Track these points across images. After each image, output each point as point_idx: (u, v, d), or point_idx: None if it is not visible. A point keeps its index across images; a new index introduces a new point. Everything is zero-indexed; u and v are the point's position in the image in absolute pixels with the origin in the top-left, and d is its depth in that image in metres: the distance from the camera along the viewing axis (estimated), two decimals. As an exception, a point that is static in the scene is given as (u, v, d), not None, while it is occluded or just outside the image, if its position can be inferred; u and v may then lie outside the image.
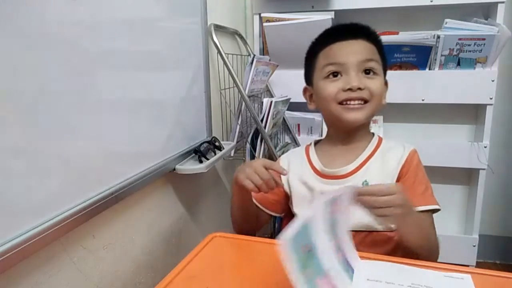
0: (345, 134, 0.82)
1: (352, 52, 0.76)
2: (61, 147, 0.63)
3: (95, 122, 0.71)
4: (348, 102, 0.75)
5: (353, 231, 0.70)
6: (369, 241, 0.75)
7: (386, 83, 0.82)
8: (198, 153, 1.07)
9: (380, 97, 0.77)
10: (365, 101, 0.76)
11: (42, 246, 0.60)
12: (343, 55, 0.75)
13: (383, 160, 0.80)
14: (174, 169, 1.01)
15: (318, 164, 0.83)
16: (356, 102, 0.75)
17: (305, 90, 0.87)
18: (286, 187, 0.86)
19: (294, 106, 1.61)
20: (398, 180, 0.78)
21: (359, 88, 0.74)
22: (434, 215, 0.76)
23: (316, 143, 0.90)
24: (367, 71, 0.76)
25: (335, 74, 0.77)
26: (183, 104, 1.08)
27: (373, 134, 0.85)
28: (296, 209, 0.83)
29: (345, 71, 0.75)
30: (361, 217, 0.69)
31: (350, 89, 0.74)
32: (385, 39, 0.83)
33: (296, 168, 0.85)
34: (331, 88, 0.76)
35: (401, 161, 0.78)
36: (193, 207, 1.22)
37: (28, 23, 0.56)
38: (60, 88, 0.62)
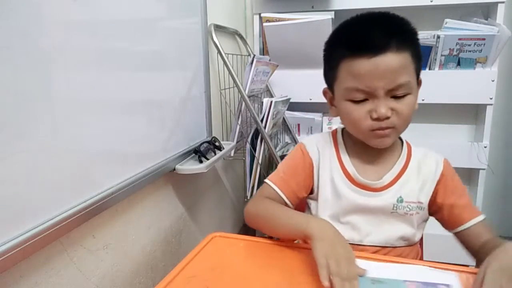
0: None
1: (381, 75, 0.64)
2: (61, 147, 0.63)
3: (95, 122, 0.71)
4: (376, 131, 0.68)
5: (378, 246, 0.72)
6: (393, 255, 0.72)
7: (420, 82, 0.74)
8: (198, 153, 1.07)
9: (410, 116, 0.69)
10: (394, 126, 0.68)
11: (42, 246, 0.60)
12: (371, 79, 0.64)
13: (418, 172, 0.74)
14: (174, 169, 1.01)
15: (350, 168, 0.75)
16: (384, 130, 0.68)
17: (325, 93, 0.77)
18: (315, 181, 0.78)
19: (294, 106, 1.61)
20: (435, 194, 0.74)
21: (387, 117, 0.66)
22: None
23: (343, 134, 0.80)
24: (397, 96, 0.67)
25: (361, 99, 0.67)
26: (183, 104, 1.08)
27: (399, 138, 0.79)
28: (321, 211, 0.77)
29: (372, 96, 0.66)
30: (388, 235, 0.72)
31: (377, 118, 0.66)
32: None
33: (326, 164, 0.77)
34: (356, 113, 0.68)
35: (437, 174, 0.74)
36: (193, 207, 1.22)
37: (28, 23, 0.56)
38: (60, 88, 0.63)
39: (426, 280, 0.58)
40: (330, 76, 0.73)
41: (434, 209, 0.74)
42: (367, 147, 0.73)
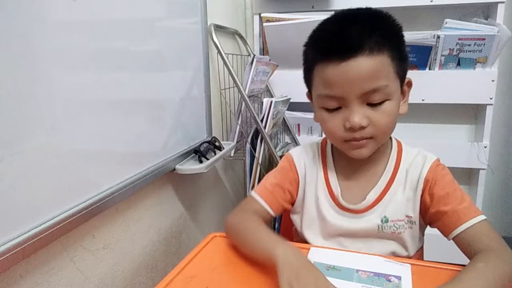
0: None
1: (352, 81, 0.59)
2: (61, 147, 0.63)
3: (95, 122, 0.71)
4: (350, 141, 0.64)
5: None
6: None
7: (408, 83, 0.67)
8: (198, 153, 1.07)
9: (391, 124, 0.64)
10: (371, 136, 0.63)
11: (42, 246, 0.60)
12: (341, 86, 0.60)
13: (405, 182, 0.69)
14: (174, 169, 1.01)
15: (336, 189, 0.72)
16: (359, 141, 0.63)
17: (308, 97, 0.73)
18: (300, 196, 0.76)
19: (294, 106, 1.61)
20: (424, 204, 0.68)
21: (362, 127, 0.61)
22: None
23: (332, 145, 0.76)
24: (374, 103, 0.61)
25: (334, 107, 0.63)
26: (183, 104, 1.08)
27: (390, 139, 0.74)
28: (305, 228, 0.75)
29: (345, 104, 0.61)
30: (377, 251, 0.68)
31: (351, 128, 0.61)
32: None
33: (312, 180, 0.74)
34: (330, 123, 0.64)
35: (420, 182, 0.68)
36: (193, 207, 1.22)
37: (28, 23, 0.56)
38: (60, 88, 0.63)
39: (379, 271, 0.60)
40: (307, 79, 0.69)
41: (429, 219, 0.69)
42: (351, 158, 0.68)
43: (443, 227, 0.65)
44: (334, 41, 0.60)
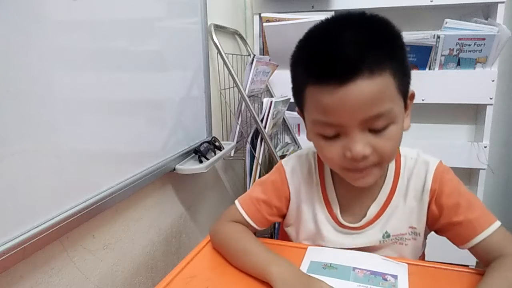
0: None
1: (352, 108, 0.51)
2: (61, 147, 0.63)
3: (95, 122, 0.71)
4: (352, 171, 0.58)
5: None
6: None
7: (411, 96, 0.60)
8: (198, 153, 1.07)
9: (396, 147, 0.57)
10: (375, 164, 0.57)
11: (42, 246, 0.60)
12: (339, 114, 0.52)
13: (407, 192, 0.65)
14: (174, 169, 1.01)
15: (335, 207, 0.67)
16: (363, 171, 0.57)
17: (299, 113, 0.65)
18: (292, 210, 0.72)
19: (294, 106, 1.60)
20: (431, 216, 0.64)
21: (365, 156, 0.54)
22: None
23: None
24: (376, 129, 0.54)
25: (332, 135, 0.56)
26: (183, 104, 1.08)
27: None
28: (302, 241, 0.72)
29: (344, 132, 0.54)
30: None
31: (353, 158, 0.54)
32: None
33: (309, 197, 0.70)
34: (328, 152, 0.57)
35: (426, 194, 0.63)
36: (193, 207, 1.22)
37: (28, 22, 0.56)
38: (60, 88, 0.62)
39: (375, 269, 0.60)
40: (297, 98, 0.61)
41: (438, 229, 0.65)
42: None
43: (456, 237, 0.62)
44: (328, 62, 0.52)
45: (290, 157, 0.74)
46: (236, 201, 0.73)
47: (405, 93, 0.57)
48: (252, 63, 1.27)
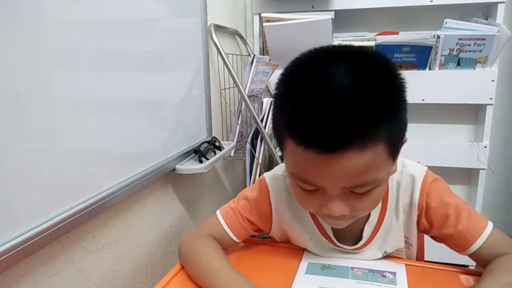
0: None
1: (336, 177, 0.47)
2: (61, 147, 0.63)
3: (95, 121, 0.71)
4: (329, 219, 0.56)
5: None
6: None
7: (403, 142, 0.53)
8: (198, 153, 1.07)
9: (378, 203, 0.56)
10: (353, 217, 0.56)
11: (42, 246, 0.60)
12: (321, 180, 0.49)
13: (397, 206, 0.63)
14: (174, 169, 1.01)
15: (328, 230, 0.65)
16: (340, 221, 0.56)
17: (278, 145, 0.58)
18: (275, 227, 0.70)
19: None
20: (422, 228, 0.63)
21: (342, 215, 0.52)
22: None
23: None
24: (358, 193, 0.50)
25: (310, 189, 0.52)
26: (183, 104, 1.08)
27: None
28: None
29: (323, 192, 0.51)
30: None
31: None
32: (385, 39, 0.79)
33: (298, 221, 0.67)
34: (304, 202, 0.55)
35: (414, 209, 0.62)
36: (193, 207, 1.22)
37: (28, 23, 0.55)
38: (60, 88, 0.62)
39: (373, 268, 0.62)
40: (277, 139, 0.54)
41: (434, 238, 0.65)
42: None
43: (453, 246, 0.62)
44: (313, 127, 0.44)
45: (276, 178, 0.68)
46: (218, 212, 0.70)
47: (397, 151, 0.51)
48: (252, 63, 1.27)
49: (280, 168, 0.70)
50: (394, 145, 0.49)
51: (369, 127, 0.44)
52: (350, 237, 0.65)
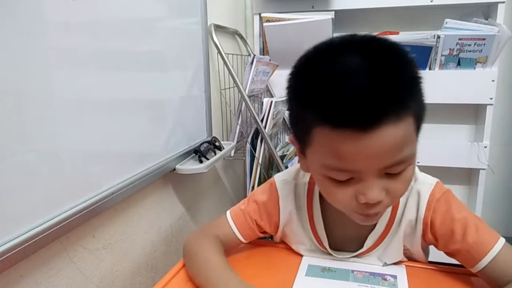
0: None
1: (374, 156, 0.46)
2: (61, 147, 0.63)
3: (95, 121, 0.71)
4: (363, 215, 0.54)
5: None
6: None
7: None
8: (198, 153, 1.07)
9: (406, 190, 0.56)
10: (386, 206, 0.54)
11: (42, 246, 0.60)
12: (359, 161, 0.47)
13: (402, 219, 0.62)
14: (174, 169, 1.01)
15: (325, 242, 0.66)
16: (374, 215, 0.55)
17: (292, 142, 0.57)
18: (281, 232, 0.71)
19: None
20: (428, 241, 0.62)
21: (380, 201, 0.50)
22: None
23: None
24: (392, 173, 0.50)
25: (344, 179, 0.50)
26: (183, 104, 1.08)
27: None
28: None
29: (359, 177, 0.49)
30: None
31: (367, 203, 0.50)
32: (385, 39, 0.79)
33: (299, 231, 0.68)
34: (338, 196, 0.52)
35: (419, 225, 0.61)
36: (193, 207, 1.22)
37: (28, 23, 0.55)
38: (60, 88, 0.62)
39: (374, 271, 0.62)
40: (300, 136, 0.53)
41: (444, 253, 0.63)
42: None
43: (462, 262, 0.60)
44: (348, 106, 0.43)
45: (287, 183, 0.68)
46: (228, 213, 0.71)
47: (420, 128, 0.53)
48: (252, 63, 1.27)
49: (289, 174, 0.69)
50: (420, 118, 0.52)
51: (401, 98, 0.46)
52: (350, 245, 0.65)
